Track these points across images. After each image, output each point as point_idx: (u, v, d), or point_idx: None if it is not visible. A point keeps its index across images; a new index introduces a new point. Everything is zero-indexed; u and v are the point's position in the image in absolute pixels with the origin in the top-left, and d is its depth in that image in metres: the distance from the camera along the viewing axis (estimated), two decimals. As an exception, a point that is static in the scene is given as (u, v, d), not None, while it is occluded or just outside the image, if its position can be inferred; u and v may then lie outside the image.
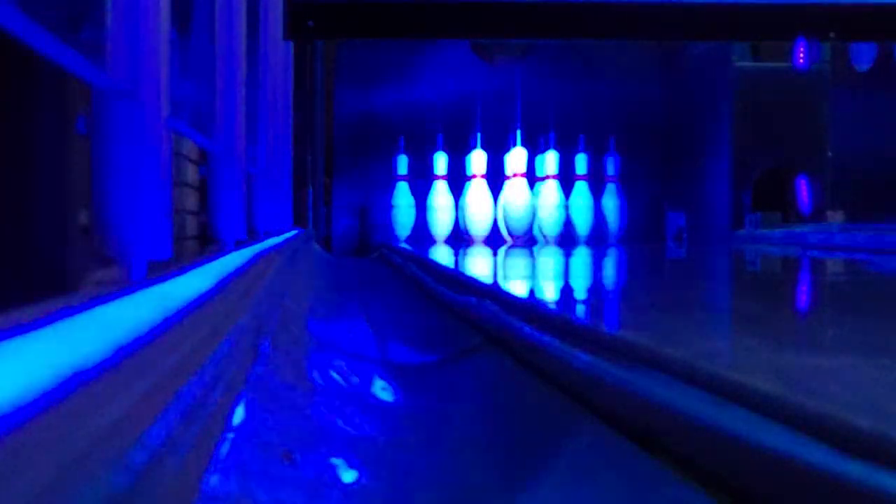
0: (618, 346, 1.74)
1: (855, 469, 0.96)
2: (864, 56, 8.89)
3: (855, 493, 0.94)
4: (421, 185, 9.16)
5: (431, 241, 9.00)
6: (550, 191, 9.13)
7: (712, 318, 2.84)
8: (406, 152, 9.17)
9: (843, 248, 6.63)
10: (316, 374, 2.29)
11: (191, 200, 3.93)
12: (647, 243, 9.08)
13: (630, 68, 9.48)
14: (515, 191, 9.04)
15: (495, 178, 9.10)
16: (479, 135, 9.17)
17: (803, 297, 3.78)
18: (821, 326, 2.73)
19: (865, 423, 1.03)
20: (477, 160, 9.12)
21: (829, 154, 8.59)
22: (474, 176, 9.10)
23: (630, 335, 1.88)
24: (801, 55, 8.16)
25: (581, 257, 6.92)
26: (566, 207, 9.14)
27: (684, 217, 9.17)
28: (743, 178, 8.52)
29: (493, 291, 3.15)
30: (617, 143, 9.27)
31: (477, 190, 9.09)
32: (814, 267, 5.67)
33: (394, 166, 9.19)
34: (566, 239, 9.10)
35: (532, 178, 9.14)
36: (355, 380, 2.43)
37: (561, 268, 5.66)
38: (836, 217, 8.43)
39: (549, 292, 3.80)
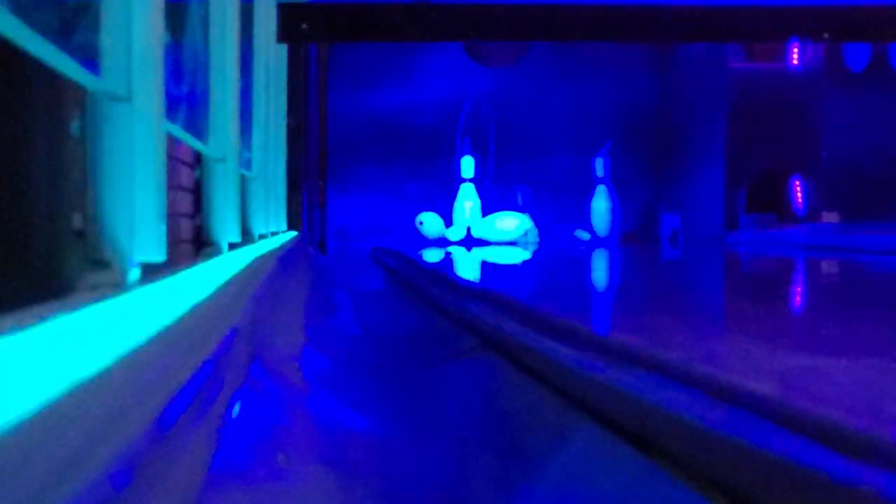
0: (613, 348, 1.74)
1: (849, 469, 0.97)
2: (857, 57, 8.91)
3: (849, 492, 0.95)
4: (415, 188, 9.16)
5: (425, 242, 9.00)
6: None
7: (707, 320, 2.85)
8: (400, 155, 9.18)
9: (837, 248, 6.63)
10: (312, 377, 2.29)
11: (185, 204, 3.92)
12: (642, 244, 9.09)
13: (624, 70, 9.49)
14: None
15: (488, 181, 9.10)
16: (471, 138, 9.18)
17: (797, 297, 3.79)
18: (815, 327, 2.73)
19: (860, 424, 1.03)
20: (469, 163, 9.12)
21: (824, 155, 8.60)
22: (466, 179, 9.11)
23: (626, 337, 1.88)
24: (795, 56, 8.17)
25: (577, 259, 6.92)
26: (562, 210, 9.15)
27: (679, 218, 9.18)
28: (737, 180, 8.53)
29: (487, 293, 3.15)
30: (611, 145, 9.27)
31: (467, 192, 9.09)
32: (808, 268, 5.68)
33: (388, 169, 9.19)
34: (562, 241, 9.11)
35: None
36: (351, 381, 2.43)
37: (556, 269, 5.66)
38: (830, 218, 8.44)
39: (545, 294, 3.81)
